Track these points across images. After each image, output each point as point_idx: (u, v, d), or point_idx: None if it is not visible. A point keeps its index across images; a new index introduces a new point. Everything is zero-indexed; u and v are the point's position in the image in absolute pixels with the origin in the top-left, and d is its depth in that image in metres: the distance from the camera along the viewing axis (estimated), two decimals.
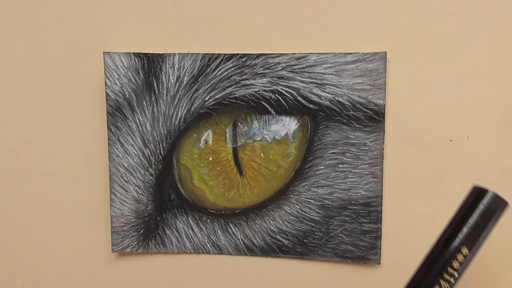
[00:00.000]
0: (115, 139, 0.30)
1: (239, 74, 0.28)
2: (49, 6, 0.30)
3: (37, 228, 0.32)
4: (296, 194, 0.29)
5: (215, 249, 0.30)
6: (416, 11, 0.27)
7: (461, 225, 0.19)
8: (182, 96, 0.29)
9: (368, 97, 0.27)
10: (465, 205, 0.20)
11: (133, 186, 0.30)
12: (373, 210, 0.28)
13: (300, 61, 0.28)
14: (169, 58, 0.29)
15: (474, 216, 0.19)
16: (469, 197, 0.20)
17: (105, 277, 0.32)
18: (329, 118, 0.28)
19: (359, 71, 0.27)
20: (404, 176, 0.28)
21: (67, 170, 0.31)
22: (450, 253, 0.19)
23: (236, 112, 0.29)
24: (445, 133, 0.28)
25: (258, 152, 0.29)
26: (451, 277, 0.19)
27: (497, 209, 0.19)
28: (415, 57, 0.28)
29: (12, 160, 0.31)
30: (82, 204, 0.31)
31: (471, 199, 0.20)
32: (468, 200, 0.20)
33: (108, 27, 0.30)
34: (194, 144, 0.29)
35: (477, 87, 0.28)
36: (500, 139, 0.28)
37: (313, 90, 0.28)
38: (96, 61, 0.30)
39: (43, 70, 0.31)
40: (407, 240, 0.29)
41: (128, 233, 0.30)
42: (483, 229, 0.19)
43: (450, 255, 0.19)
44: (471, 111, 0.28)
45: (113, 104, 0.29)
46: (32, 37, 0.30)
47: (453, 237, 0.19)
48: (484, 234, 0.19)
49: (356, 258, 0.29)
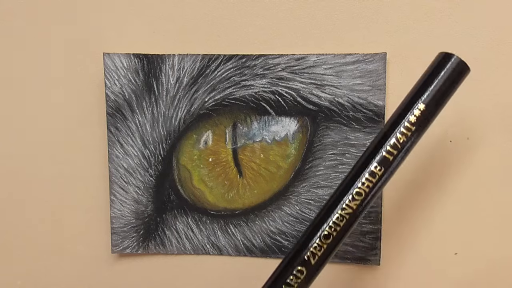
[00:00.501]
0: (115, 140, 0.30)
1: (239, 75, 0.28)
2: (48, 6, 0.30)
3: (37, 229, 0.32)
4: (296, 195, 0.29)
5: (215, 250, 0.30)
6: (416, 12, 0.27)
7: (424, 85, 0.21)
8: (182, 97, 0.29)
9: (368, 98, 0.27)
10: (430, 68, 0.21)
11: (133, 187, 0.30)
12: (372, 211, 0.28)
13: (299, 62, 0.28)
14: (168, 59, 0.29)
15: (438, 77, 0.21)
16: (435, 61, 0.21)
17: (105, 278, 0.32)
18: (329, 119, 0.28)
19: (359, 72, 0.27)
20: (403, 177, 0.28)
21: (66, 171, 0.31)
22: (408, 109, 0.21)
23: (235, 113, 0.29)
24: (445, 134, 0.28)
25: (258, 153, 0.29)
26: (408, 131, 0.21)
27: (460, 73, 0.21)
28: (415, 58, 0.28)
29: (11, 161, 0.31)
30: (81, 205, 0.31)
31: (437, 63, 0.21)
32: (433, 64, 0.21)
33: (108, 28, 0.30)
34: (194, 145, 0.29)
35: (477, 88, 0.28)
36: (500, 140, 0.28)
37: (313, 91, 0.28)
38: (95, 62, 0.30)
39: (42, 71, 0.31)
40: (406, 241, 0.29)
41: (128, 234, 0.30)
42: (444, 90, 0.21)
43: (409, 111, 0.21)
44: (471, 111, 0.28)
45: (113, 105, 0.29)
46: (31, 38, 0.30)
47: (414, 95, 0.21)
48: (445, 95, 0.21)
49: (356, 259, 0.29)
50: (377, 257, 0.29)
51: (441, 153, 0.28)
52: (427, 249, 0.29)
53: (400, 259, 0.29)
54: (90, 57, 0.30)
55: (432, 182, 0.28)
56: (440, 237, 0.29)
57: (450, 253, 0.29)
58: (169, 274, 0.31)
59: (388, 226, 0.29)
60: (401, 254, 0.29)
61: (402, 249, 0.29)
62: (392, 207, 0.29)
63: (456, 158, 0.28)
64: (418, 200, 0.29)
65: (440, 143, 0.28)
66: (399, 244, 0.29)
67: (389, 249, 0.29)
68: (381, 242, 0.29)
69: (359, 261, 0.29)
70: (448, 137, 0.28)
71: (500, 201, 0.28)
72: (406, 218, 0.29)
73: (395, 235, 0.29)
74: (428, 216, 0.29)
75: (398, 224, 0.29)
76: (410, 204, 0.29)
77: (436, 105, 0.21)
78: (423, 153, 0.28)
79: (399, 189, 0.29)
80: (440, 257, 0.29)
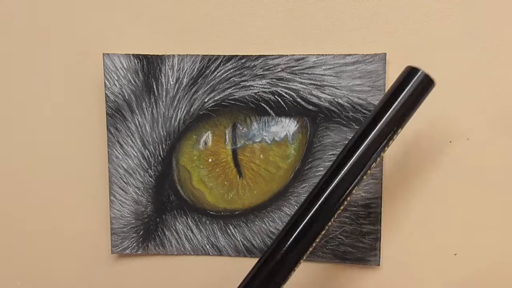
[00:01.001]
0: (115, 141, 0.30)
1: (239, 75, 0.28)
2: (48, 7, 0.30)
3: (37, 229, 0.32)
4: (296, 196, 0.29)
5: (214, 250, 0.30)
6: (416, 12, 0.27)
7: (392, 101, 0.21)
8: (182, 98, 0.29)
9: (368, 99, 0.27)
10: (397, 82, 0.22)
11: (133, 187, 0.30)
12: (372, 211, 0.28)
13: (299, 62, 0.28)
14: (168, 59, 0.29)
15: (405, 92, 0.21)
16: (402, 75, 0.22)
17: (105, 278, 0.32)
18: (329, 119, 0.28)
19: (359, 73, 0.27)
20: (403, 177, 0.28)
21: (66, 171, 0.31)
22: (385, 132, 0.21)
23: (235, 114, 0.29)
24: (445, 134, 0.28)
25: (258, 153, 0.29)
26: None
27: (426, 87, 0.21)
28: (415, 59, 0.28)
29: (11, 162, 0.31)
30: (81, 205, 0.31)
31: (403, 77, 0.22)
32: (400, 78, 0.22)
33: (108, 28, 0.30)
34: (193, 145, 0.29)
35: (477, 88, 0.27)
36: (500, 140, 0.28)
37: (313, 92, 0.28)
38: (95, 63, 0.30)
39: (42, 72, 0.31)
40: (406, 242, 0.29)
41: (127, 235, 0.30)
42: (412, 105, 0.21)
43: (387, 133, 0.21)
44: (471, 112, 0.28)
45: (112, 105, 0.29)
46: (31, 38, 0.30)
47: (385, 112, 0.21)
48: (412, 110, 0.21)
49: (356, 259, 0.29)
50: (377, 257, 0.29)
51: (441, 154, 0.28)
52: (427, 250, 0.29)
53: (399, 259, 0.29)
54: (90, 57, 0.30)
55: (432, 183, 0.28)
56: (440, 238, 0.29)
57: (449, 253, 0.29)
58: (168, 275, 0.31)
59: (387, 227, 0.29)
60: (400, 255, 0.29)
61: (402, 249, 0.29)
62: (391, 208, 0.29)
63: (456, 159, 0.28)
64: (418, 201, 0.29)
65: (440, 144, 0.28)
66: (399, 245, 0.29)
67: (388, 249, 0.29)
68: (381, 243, 0.29)
69: (359, 261, 0.29)
70: (448, 138, 0.28)
71: (500, 201, 0.28)
72: (406, 219, 0.29)
73: (395, 236, 0.29)
74: (427, 217, 0.29)
75: (398, 225, 0.29)
76: (409, 205, 0.29)
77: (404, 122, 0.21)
78: (424, 154, 0.28)
79: (398, 190, 0.29)
80: (439, 258, 0.29)
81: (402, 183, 0.29)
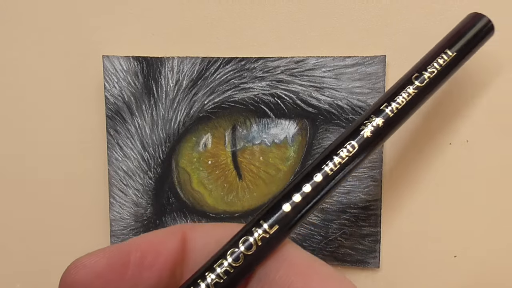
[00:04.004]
0: (114, 143, 0.30)
1: (238, 77, 0.28)
2: (47, 8, 0.30)
3: (36, 232, 0.32)
4: None
5: None
6: (416, 15, 0.27)
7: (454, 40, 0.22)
8: (181, 100, 0.29)
9: (367, 101, 0.27)
10: (458, 25, 0.23)
11: (132, 189, 0.30)
12: (372, 213, 0.28)
13: (299, 64, 0.28)
14: (168, 61, 0.29)
15: (467, 34, 0.22)
16: (465, 19, 0.23)
17: None
18: (328, 121, 0.28)
19: (358, 75, 0.27)
20: (403, 179, 0.28)
21: (65, 173, 0.31)
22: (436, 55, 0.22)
23: (235, 116, 0.29)
24: (444, 136, 0.28)
25: (257, 155, 0.29)
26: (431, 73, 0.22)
27: (487, 33, 0.23)
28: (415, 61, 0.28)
29: (10, 163, 0.31)
30: (81, 207, 0.31)
31: (466, 21, 0.23)
32: (463, 22, 0.23)
33: (107, 30, 0.30)
34: (193, 147, 0.29)
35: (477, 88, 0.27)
36: (499, 142, 0.28)
37: (312, 94, 0.28)
38: (95, 65, 0.30)
39: (41, 74, 0.31)
40: (406, 244, 0.29)
41: (127, 237, 0.30)
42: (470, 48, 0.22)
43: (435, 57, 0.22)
44: (471, 113, 0.28)
45: (112, 107, 0.29)
46: (30, 40, 0.30)
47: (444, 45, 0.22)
48: (470, 53, 0.22)
49: (355, 261, 0.29)
50: (377, 260, 0.29)
51: (441, 156, 0.28)
52: (427, 252, 0.29)
53: (399, 262, 0.29)
54: (90, 59, 0.30)
55: (432, 185, 0.28)
56: (440, 240, 0.29)
57: (449, 256, 0.29)
58: None
59: (387, 228, 0.29)
60: (400, 257, 0.29)
61: (402, 252, 0.29)
62: (391, 210, 0.29)
63: (456, 161, 0.28)
64: (418, 202, 0.29)
65: (440, 146, 0.28)
66: (399, 247, 0.29)
67: (388, 252, 0.29)
68: (380, 245, 0.29)
69: (358, 264, 0.29)
70: (448, 140, 0.28)
71: (500, 203, 0.28)
72: (405, 221, 0.29)
73: (395, 238, 0.29)
74: (427, 218, 0.29)
75: (398, 227, 0.29)
76: (409, 207, 0.29)
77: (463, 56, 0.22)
78: (423, 156, 0.28)
79: (398, 191, 0.29)
80: (439, 260, 0.29)
81: (402, 185, 0.29)
